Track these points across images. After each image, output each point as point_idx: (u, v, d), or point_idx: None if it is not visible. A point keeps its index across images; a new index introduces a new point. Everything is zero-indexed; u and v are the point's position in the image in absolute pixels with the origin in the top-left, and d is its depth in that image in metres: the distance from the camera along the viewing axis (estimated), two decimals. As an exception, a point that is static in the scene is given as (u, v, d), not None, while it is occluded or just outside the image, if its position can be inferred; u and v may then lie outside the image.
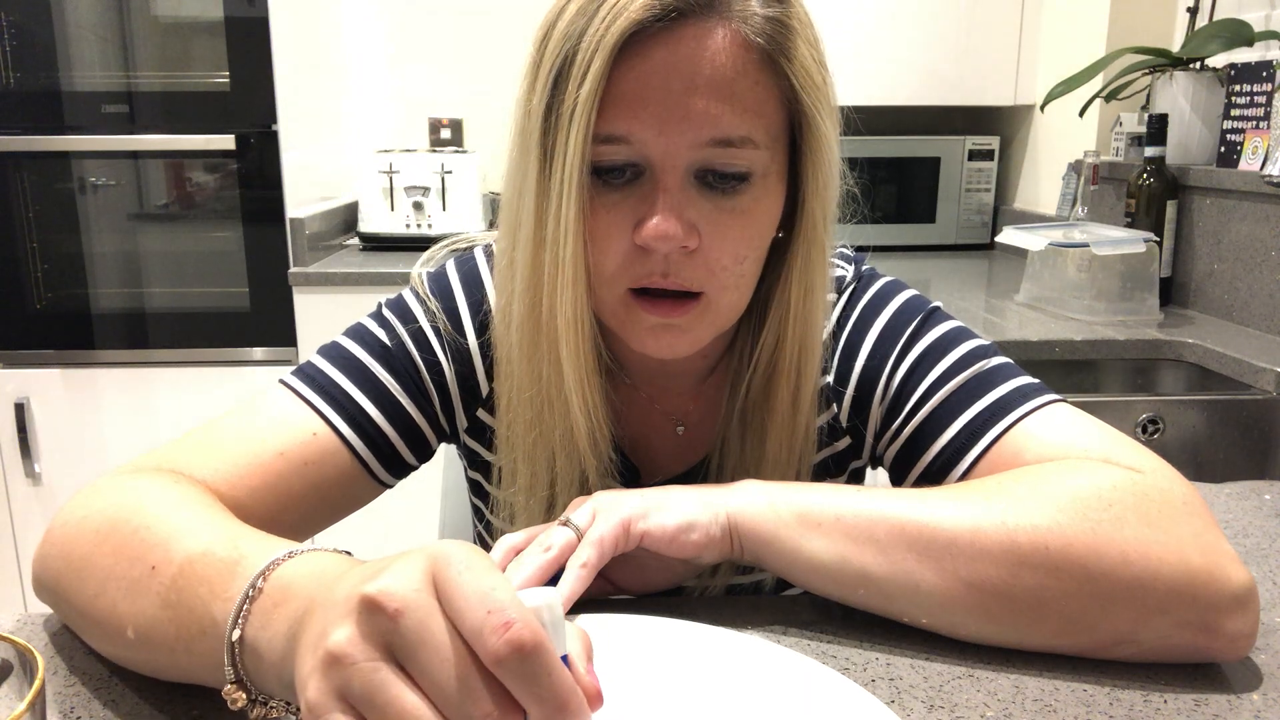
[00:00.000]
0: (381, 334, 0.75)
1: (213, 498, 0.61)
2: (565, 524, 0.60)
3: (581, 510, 0.61)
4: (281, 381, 0.73)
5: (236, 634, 0.45)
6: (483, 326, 0.77)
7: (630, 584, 0.65)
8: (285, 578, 0.46)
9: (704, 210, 0.64)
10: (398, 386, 0.74)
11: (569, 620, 0.40)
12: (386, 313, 0.77)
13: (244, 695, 0.46)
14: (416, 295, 0.78)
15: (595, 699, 0.38)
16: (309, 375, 0.73)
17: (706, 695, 0.54)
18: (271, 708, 0.46)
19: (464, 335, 0.76)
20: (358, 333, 0.76)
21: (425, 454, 0.78)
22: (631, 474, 0.79)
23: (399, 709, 0.35)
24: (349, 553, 0.48)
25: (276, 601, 0.45)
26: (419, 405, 0.75)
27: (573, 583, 0.57)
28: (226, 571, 0.48)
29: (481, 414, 0.78)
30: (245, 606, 0.46)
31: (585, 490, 0.71)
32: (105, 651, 0.58)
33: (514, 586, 0.37)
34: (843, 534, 0.59)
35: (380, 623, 0.36)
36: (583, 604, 0.58)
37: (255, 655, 0.45)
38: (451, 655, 0.35)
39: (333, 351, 0.75)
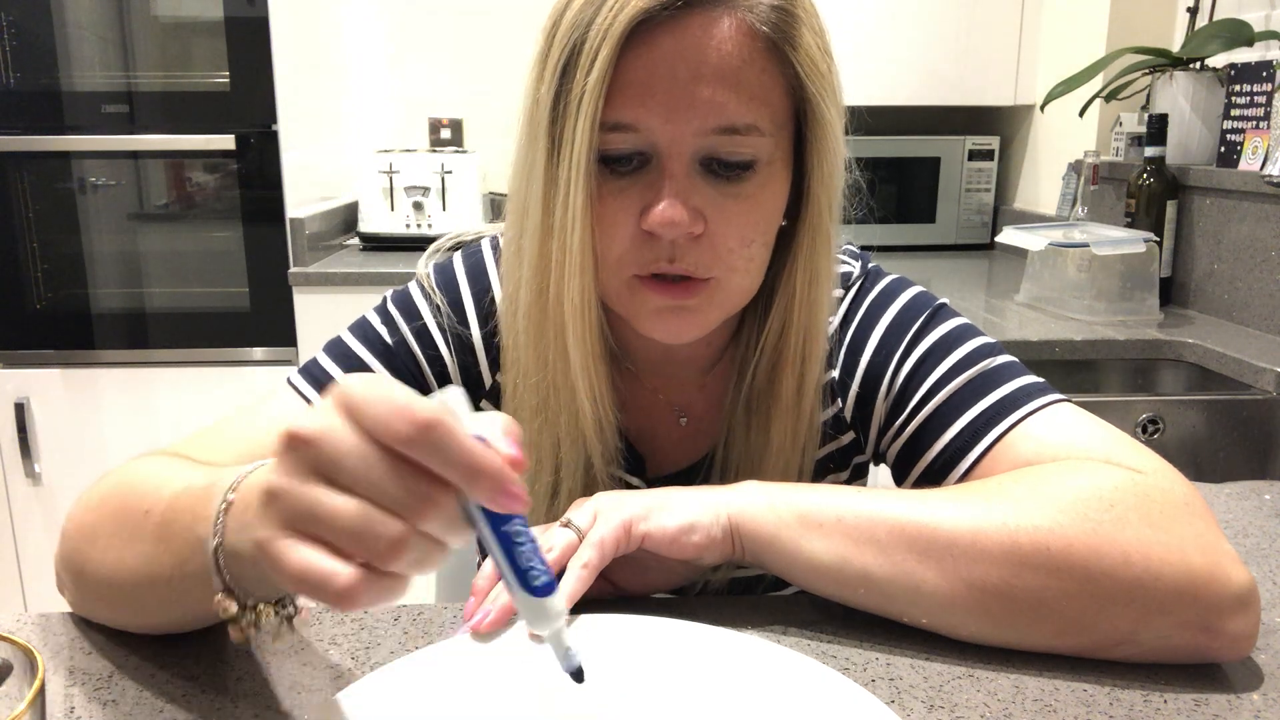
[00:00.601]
0: (383, 330, 0.76)
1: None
2: (567, 525, 0.60)
3: (583, 511, 0.61)
4: (289, 381, 0.74)
5: (216, 542, 0.47)
6: (487, 318, 0.77)
7: (631, 585, 0.65)
8: (251, 482, 0.48)
9: (710, 197, 0.65)
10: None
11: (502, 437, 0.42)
12: (390, 307, 0.77)
13: (234, 602, 0.48)
14: (421, 288, 0.78)
15: (518, 464, 0.41)
16: (312, 375, 0.74)
17: (706, 695, 0.54)
18: (260, 613, 0.49)
19: (468, 327, 0.77)
20: (360, 328, 0.77)
21: None
22: (637, 462, 0.79)
23: (339, 513, 0.39)
24: None
25: (247, 503, 0.47)
26: None
27: (574, 583, 0.57)
28: (204, 496, 0.50)
29: (486, 406, 0.79)
30: (220, 519, 0.48)
31: (590, 477, 0.71)
32: (115, 614, 0.60)
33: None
34: (843, 535, 0.59)
35: (302, 452, 0.40)
36: (584, 604, 0.58)
37: (236, 558, 0.47)
38: (372, 454, 0.39)
39: (335, 349, 0.76)
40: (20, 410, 2.24)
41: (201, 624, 0.59)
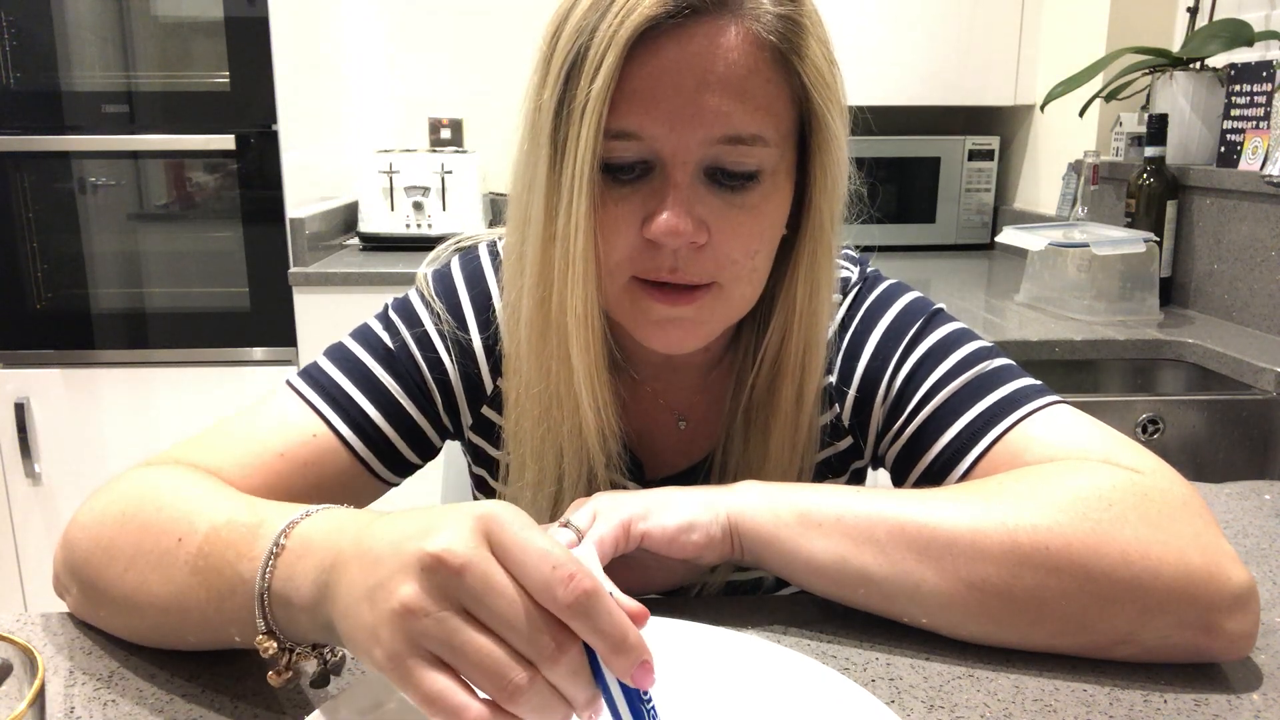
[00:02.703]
0: (385, 336, 0.76)
1: (223, 482, 0.64)
2: (566, 525, 0.60)
3: (582, 511, 0.61)
4: (287, 383, 0.74)
5: (264, 586, 0.50)
6: (487, 323, 0.77)
7: (631, 585, 0.64)
8: (305, 533, 0.50)
9: (714, 206, 0.64)
10: (399, 388, 0.74)
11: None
12: (391, 314, 0.77)
13: (275, 644, 0.50)
14: (421, 296, 0.78)
15: (640, 618, 0.44)
16: (312, 377, 0.74)
17: (706, 695, 0.54)
18: (298, 654, 0.51)
19: (468, 333, 0.77)
20: (362, 334, 0.77)
21: (429, 453, 0.78)
22: (637, 469, 0.79)
23: (476, 648, 0.41)
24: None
25: (299, 554, 0.49)
26: (420, 406, 0.75)
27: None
28: (249, 534, 0.52)
29: (487, 411, 0.79)
30: (270, 562, 0.50)
31: (593, 485, 0.71)
32: (129, 629, 0.60)
33: None
34: (843, 534, 0.59)
35: (445, 578, 0.41)
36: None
37: (284, 604, 0.49)
38: (517, 599, 0.41)
39: (336, 353, 0.76)
40: (20, 410, 2.24)
41: (214, 648, 0.59)
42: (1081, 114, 2.00)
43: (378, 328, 0.77)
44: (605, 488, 0.72)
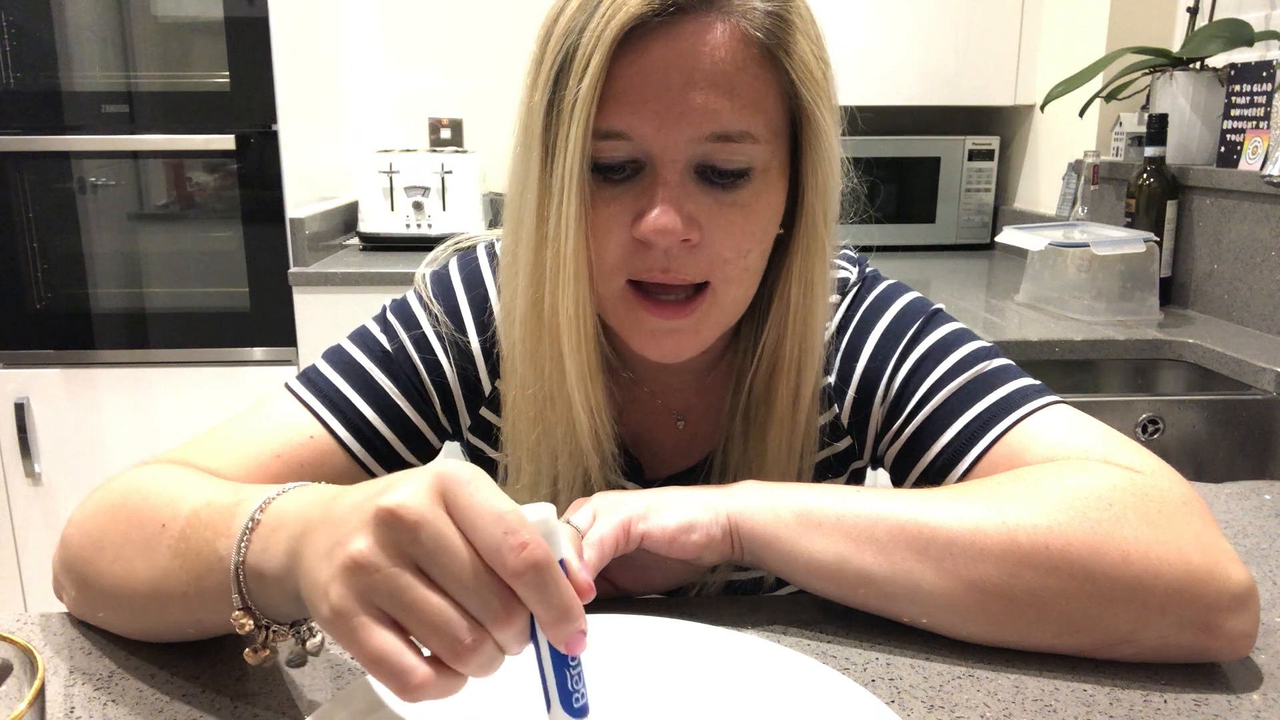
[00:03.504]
0: (383, 338, 0.76)
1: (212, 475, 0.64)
2: (565, 525, 0.60)
3: (582, 512, 0.61)
4: (286, 385, 0.74)
5: (238, 559, 0.49)
6: (485, 325, 0.77)
7: (631, 585, 0.65)
8: (280, 506, 0.50)
9: (705, 205, 0.64)
10: (396, 390, 0.74)
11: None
12: (389, 316, 0.77)
13: (250, 621, 0.50)
14: (419, 297, 0.78)
15: (586, 592, 0.44)
16: (310, 379, 0.74)
17: (706, 695, 0.54)
18: (275, 632, 0.51)
19: (466, 334, 0.77)
20: (360, 336, 0.77)
21: (427, 454, 0.78)
22: (634, 469, 0.79)
23: (426, 607, 0.40)
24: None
25: (274, 527, 0.48)
26: (418, 408, 0.75)
27: (573, 584, 0.57)
28: (227, 513, 0.52)
29: (485, 412, 0.79)
30: (245, 538, 0.49)
31: (589, 487, 0.71)
32: (119, 620, 0.60)
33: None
34: (843, 534, 0.59)
35: (398, 533, 0.40)
36: (584, 605, 0.58)
37: (258, 577, 0.49)
38: (468, 560, 0.40)
39: (335, 356, 0.76)
40: (20, 410, 2.24)
41: (206, 636, 0.59)
42: (1081, 114, 2.00)
43: (375, 330, 0.77)
44: (602, 489, 0.72)
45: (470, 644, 0.40)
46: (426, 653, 0.41)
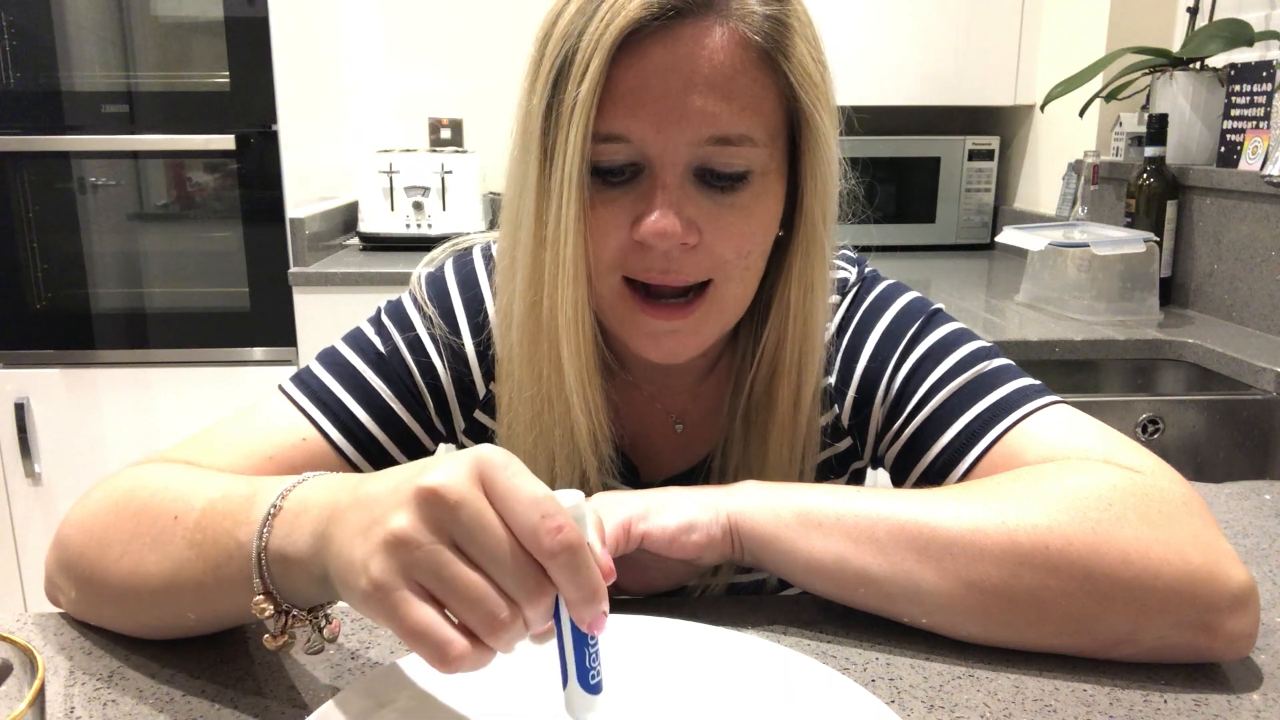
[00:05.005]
0: (376, 340, 0.76)
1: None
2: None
3: (582, 511, 0.61)
4: (280, 388, 0.74)
5: (260, 544, 0.50)
6: (479, 328, 0.77)
7: (631, 585, 0.65)
8: (302, 494, 0.51)
9: (704, 207, 0.64)
10: (390, 392, 0.74)
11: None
12: (384, 318, 0.77)
13: (271, 605, 0.51)
14: (414, 299, 0.78)
15: (608, 574, 0.46)
16: (304, 381, 0.74)
17: (706, 695, 0.54)
18: (295, 618, 0.52)
19: (460, 337, 0.76)
20: (354, 338, 0.77)
21: (421, 456, 0.78)
22: (631, 473, 0.79)
23: (465, 582, 0.42)
24: None
25: (297, 512, 0.50)
26: (412, 411, 0.75)
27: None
28: (246, 502, 0.53)
29: (480, 415, 0.78)
30: (268, 523, 0.50)
31: (585, 491, 0.71)
32: (126, 617, 0.60)
33: None
34: (843, 534, 0.59)
35: (440, 511, 0.42)
36: None
37: (281, 561, 0.50)
38: (505, 540, 0.42)
39: (328, 358, 0.76)
40: (20, 410, 2.24)
41: (212, 630, 0.59)
42: (1081, 114, 2.00)
43: (369, 331, 0.77)
44: (597, 490, 0.71)
45: (505, 619, 0.42)
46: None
